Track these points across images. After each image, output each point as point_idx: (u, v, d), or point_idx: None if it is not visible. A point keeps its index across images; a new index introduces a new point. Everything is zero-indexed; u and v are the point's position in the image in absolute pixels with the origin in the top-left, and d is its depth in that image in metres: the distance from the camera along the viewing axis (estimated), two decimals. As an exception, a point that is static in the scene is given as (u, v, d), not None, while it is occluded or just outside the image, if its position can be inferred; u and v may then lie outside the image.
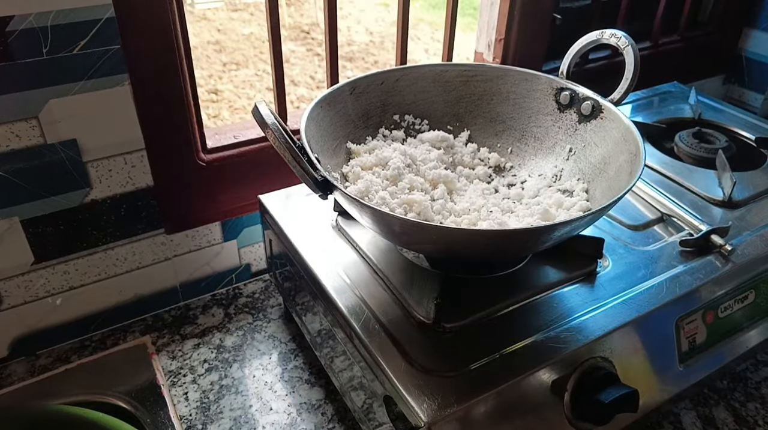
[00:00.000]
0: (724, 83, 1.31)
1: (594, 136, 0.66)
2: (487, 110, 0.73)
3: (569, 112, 0.68)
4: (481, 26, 0.99)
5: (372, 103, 0.69)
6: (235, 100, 2.78)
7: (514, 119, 0.72)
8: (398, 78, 0.70)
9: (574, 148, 0.68)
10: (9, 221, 0.66)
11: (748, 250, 0.66)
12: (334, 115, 0.65)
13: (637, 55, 0.64)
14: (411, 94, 0.72)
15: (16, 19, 0.57)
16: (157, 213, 0.75)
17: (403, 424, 0.50)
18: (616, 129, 0.63)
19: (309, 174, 0.52)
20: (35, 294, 0.71)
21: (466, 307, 0.56)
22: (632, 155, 0.59)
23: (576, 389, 0.54)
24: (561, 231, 0.50)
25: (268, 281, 0.88)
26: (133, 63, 0.64)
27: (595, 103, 0.66)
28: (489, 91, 0.72)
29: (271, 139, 0.52)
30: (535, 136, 0.71)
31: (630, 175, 0.56)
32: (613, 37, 0.66)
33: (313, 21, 3.57)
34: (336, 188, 0.52)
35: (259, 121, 0.53)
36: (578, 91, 0.67)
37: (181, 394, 0.70)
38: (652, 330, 0.59)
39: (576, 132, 0.68)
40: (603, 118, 0.65)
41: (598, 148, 0.65)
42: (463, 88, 0.72)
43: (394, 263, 0.61)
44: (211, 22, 3.48)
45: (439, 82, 0.72)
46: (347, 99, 0.67)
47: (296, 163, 0.52)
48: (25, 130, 0.62)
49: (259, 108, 0.53)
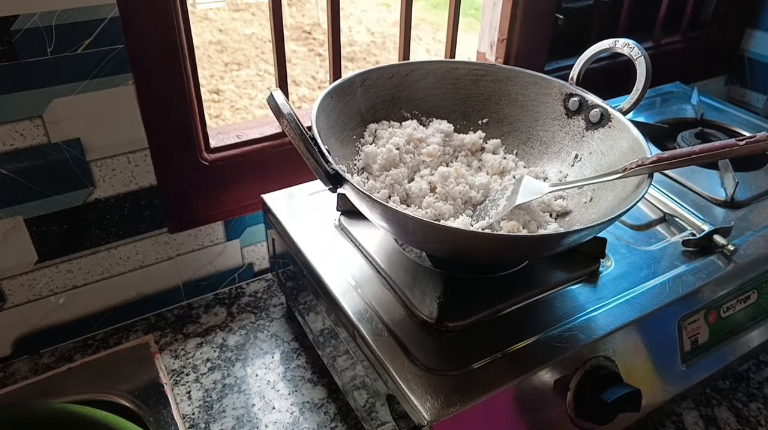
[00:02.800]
0: (727, 84, 1.31)
1: (601, 145, 0.65)
2: (495, 111, 0.73)
3: (577, 118, 0.68)
4: (483, 26, 0.99)
5: (380, 96, 0.69)
6: (237, 100, 2.78)
7: (521, 122, 0.72)
8: (408, 73, 0.70)
9: (580, 155, 0.67)
10: (13, 220, 0.66)
11: (750, 250, 0.66)
12: (343, 107, 0.65)
13: (649, 66, 0.63)
14: (420, 90, 0.71)
15: (20, 18, 0.57)
16: (160, 212, 0.75)
17: (405, 423, 0.50)
18: (624, 139, 0.63)
19: (321, 166, 0.52)
20: (38, 293, 0.72)
21: (469, 306, 0.56)
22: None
23: (579, 389, 0.54)
24: (571, 238, 0.50)
25: (270, 281, 0.88)
26: (137, 62, 0.65)
27: (603, 111, 0.65)
28: (498, 91, 0.72)
29: (286, 129, 0.52)
30: (542, 140, 0.71)
31: (638, 187, 0.55)
32: (626, 47, 0.66)
33: (315, 21, 3.57)
34: (346, 182, 0.52)
35: (275, 109, 0.52)
36: (587, 98, 0.67)
37: (183, 393, 0.70)
38: (654, 330, 0.59)
39: (583, 139, 0.67)
40: (611, 127, 0.65)
41: (605, 156, 0.65)
42: (473, 86, 0.72)
43: (397, 263, 0.61)
44: (212, 23, 3.49)
45: (448, 79, 0.72)
46: (357, 91, 0.67)
47: (310, 155, 0.52)
48: (29, 129, 0.62)
49: (275, 96, 0.53)
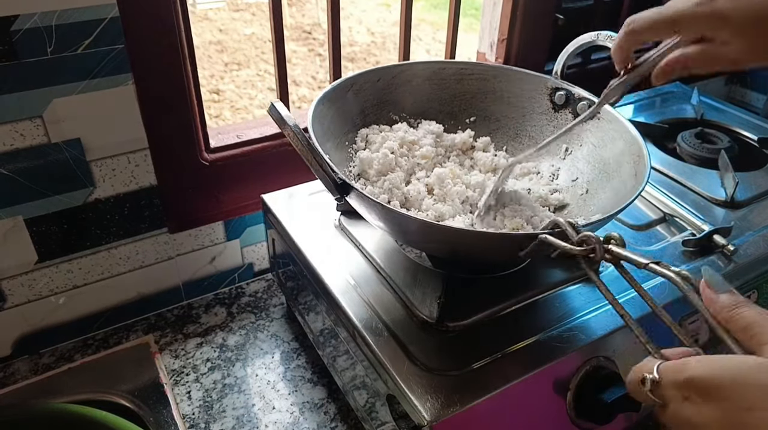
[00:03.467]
0: (727, 84, 1.31)
1: (591, 137, 0.66)
2: (481, 109, 0.73)
3: (564, 112, 0.69)
4: (483, 26, 0.99)
5: (369, 100, 0.69)
6: (237, 100, 2.78)
7: (509, 118, 0.72)
8: (394, 75, 0.70)
9: (571, 148, 0.68)
10: (13, 220, 0.66)
11: (750, 250, 0.66)
12: (335, 113, 0.65)
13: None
14: (407, 92, 0.71)
15: (20, 18, 0.57)
16: (161, 212, 0.75)
17: (405, 423, 0.50)
18: (614, 130, 0.63)
19: (330, 176, 0.51)
20: (39, 293, 0.72)
21: (469, 306, 0.56)
22: (635, 156, 0.59)
23: (578, 389, 0.54)
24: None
25: (270, 281, 0.88)
26: (137, 63, 0.65)
27: (591, 103, 0.65)
28: (483, 89, 0.72)
29: (293, 141, 0.51)
30: (530, 135, 0.71)
31: (636, 177, 0.55)
32: (608, 39, 0.66)
33: (315, 21, 3.57)
34: (353, 190, 0.51)
35: (278, 120, 0.52)
36: (574, 91, 0.68)
37: (183, 393, 0.70)
38: (653, 330, 0.59)
39: (572, 132, 0.68)
40: (600, 118, 0.65)
41: (596, 148, 0.65)
42: (458, 86, 0.73)
43: (397, 263, 0.61)
44: (212, 22, 3.49)
45: (434, 79, 0.72)
46: (347, 96, 0.67)
47: (319, 166, 0.51)
48: (29, 129, 0.62)
49: (277, 107, 0.52)
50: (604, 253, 0.42)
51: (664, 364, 0.36)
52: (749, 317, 0.35)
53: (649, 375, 0.36)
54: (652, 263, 0.39)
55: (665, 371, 0.36)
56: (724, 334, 0.36)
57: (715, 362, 0.34)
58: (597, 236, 0.43)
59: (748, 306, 0.36)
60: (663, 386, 0.36)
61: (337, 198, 0.53)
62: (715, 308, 0.37)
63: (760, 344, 0.34)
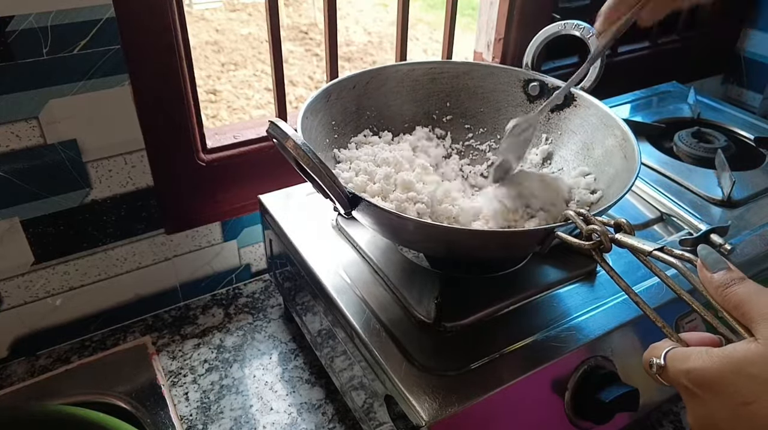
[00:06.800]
0: (723, 83, 1.31)
1: (570, 124, 0.67)
2: (456, 107, 0.73)
3: (539, 102, 0.69)
4: (480, 26, 0.99)
5: (347, 108, 0.68)
6: (234, 101, 2.78)
7: (485, 113, 0.73)
8: (368, 80, 0.69)
9: (550, 137, 0.69)
10: (9, 222, 0.66)
11: (747, 249, 0.66)
12: (317, 125, 0.63)
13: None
14: (382, 96, 0.71)
15: (16, 19, 0.57)
16: (157, 213, 0.75)
17: (403, 423, 0.50)
18: (593, 115, 0.64)
19: (341, 190, 0.49)
20: (35, 294, 0.71)
21: (466, 306, 0.56)
22: (620, 139, 0.60)
23: (577, 388, 0.54)
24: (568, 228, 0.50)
25: (268, 281, 0.88)
26: (134, 63, 0.64)
27: (567, 92, 0.66)
28: (457, 87, 0.73)
29: (301, 158, 0.48)
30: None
31: (625, 159, 0.56)
32: (576, 28, 0.66)
33: (312, 21, 3.57)
34: (362, 200, 0.49)
35: (282, 137, 0.48)
36: (547, 81, 0.68)
37: (181, 394, 0.70)
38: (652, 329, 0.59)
39: (549, 121, 0.69)
40: (577, 105, 0.66)
41: (575, 134, 0.66)
42: (431, 85, 0.73)
43: (394, 263, 0.61)
44: (209, 23, 3.49)
45: (407, 81, 0.72)
46: (324, 107, 0.65)
47: (330, 180, 0.48)
48: (25, 130, 0.62)
49: (281, 126, 0.49)
50: (611, 242, 0.44)
51: (672, 351, 0.36)
52: (741, 294, 0.35)
53: (656, 360, 0.37)
54: (656, 250, 0.40)
55: (671, 358, 0.36)
56: (726, 315, 0.36)
57: (716, 354, 0.34)
58: (603, 228, 0.43)
59: (742, 283, 0.35)
60: (668, 372, 0.36)
61: (346, 212, 0.51)
62: (711, 289, 0.36)
63: (750, 322, 0.34)
